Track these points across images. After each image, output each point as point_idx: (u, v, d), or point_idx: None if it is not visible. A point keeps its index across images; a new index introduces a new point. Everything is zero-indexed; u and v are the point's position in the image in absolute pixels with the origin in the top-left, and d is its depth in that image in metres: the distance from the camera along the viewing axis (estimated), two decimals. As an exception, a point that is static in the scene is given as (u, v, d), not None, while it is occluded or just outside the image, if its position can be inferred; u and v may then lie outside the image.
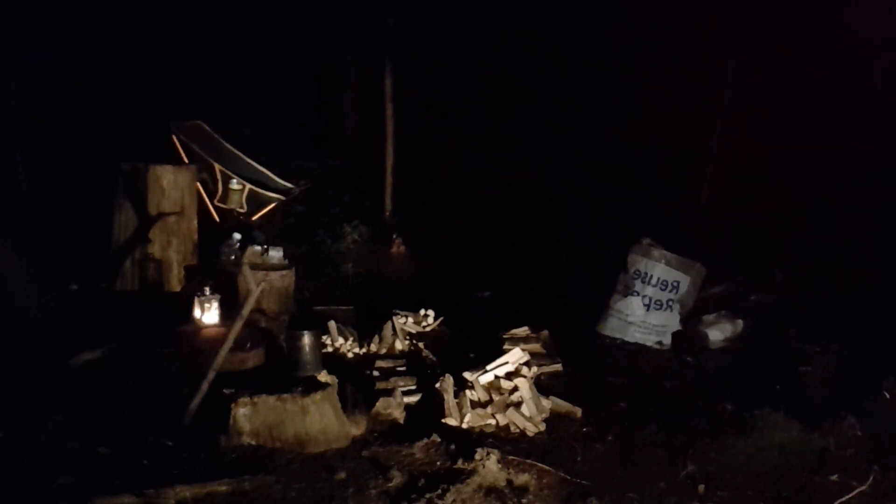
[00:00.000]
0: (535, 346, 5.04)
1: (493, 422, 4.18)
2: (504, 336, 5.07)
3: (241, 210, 6.49)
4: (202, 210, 6.13)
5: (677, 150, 7.70)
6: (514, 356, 4.45)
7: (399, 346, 5.20)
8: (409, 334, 5.33)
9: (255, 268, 4.91)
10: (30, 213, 6.56)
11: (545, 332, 5.30)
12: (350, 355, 5.10)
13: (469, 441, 3.93)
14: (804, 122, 7.09)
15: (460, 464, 3.58)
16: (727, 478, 3.76)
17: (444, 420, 4.17)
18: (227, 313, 4.55)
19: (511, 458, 3.74)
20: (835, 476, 3.76)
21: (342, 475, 3.52)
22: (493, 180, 8.55)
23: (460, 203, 8.22)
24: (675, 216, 7.27)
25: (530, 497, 3.46)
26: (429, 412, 4.24)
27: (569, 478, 3.68)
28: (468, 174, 8.64)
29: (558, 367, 4.98)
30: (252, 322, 4.55)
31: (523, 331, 5.22)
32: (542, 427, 4.16)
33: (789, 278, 6.45)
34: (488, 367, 4.38)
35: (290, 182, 6.97)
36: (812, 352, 5.13)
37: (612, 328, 5.76)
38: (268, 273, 5.14)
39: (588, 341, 5.67)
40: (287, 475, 3.49)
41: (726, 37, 7.40)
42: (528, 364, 4.50)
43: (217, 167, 6.39)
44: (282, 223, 7.02)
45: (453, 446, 3.78)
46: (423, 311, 5.54)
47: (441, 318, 5.54)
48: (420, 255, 7.26)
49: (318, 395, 3.76)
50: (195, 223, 5.81)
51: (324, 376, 3.93)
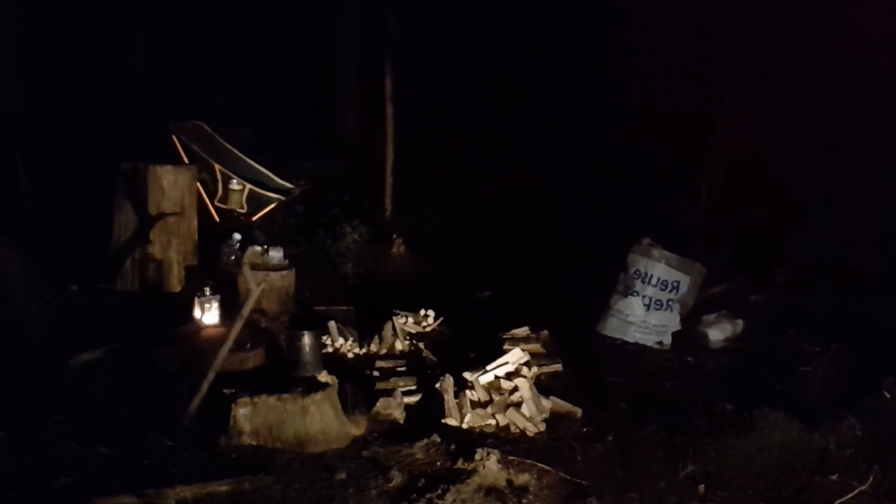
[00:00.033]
0: (535, 346, 5.04)
1: (493, 422, 4.18)
2: (504, 336, 5.07)
3: (241, 210, 6.50)
4: (202, 210, 6.13)
5: (677, 150, 7.70)
6: (514, 356, 4.45)
7: (399, 346, 5.20)
8: (410, 334, 5.33)
9: (255, 268, 4.91)
10: (30, 213, 6.56)
11: (545, 332, 5.30)
12: (350, 355, 5.10)
13: (469, 441, 3.93)
14: (804, 122, 7.08)
15: (460, 464, 3.58)
16: (727, 478, 3.76)
17: (444, 420, 4.17)
18: (228, 313, 4.55)
19: (511, 458, 3.74)
20: (835, 476, 3.76)
21: (342, 475, 3.52)
22: (493, 180, 8.55)
23: (460, 203, 8.22)
24: (675, 216, 7.27)
25: (530, 497, 3.46)
26: (429, 412, 4.24)
27: (569, 478, 3.68)
28: (468, 174, 8.64)
29: (558, 367, 4.98)
30: (252, 322, 4.55)
31: (523, 331, 5.22)
32: (542, 427, 4.16)
33: (789, 278, 6.45)
34: (488, 367, 4.38)
35: (290, 182, 6.97)
36: (812, 352, 5.14)
37: (612, 328, 5.76)
38: (268, 273, 5.14)
39: (588, 341, 5.67)
40: (287, 475, 3.49)
41: (726, 37, 7.40)
42: (528, 364, 4.51)
43: (217, 167, 6.40)
44: (282, 223, 7.01)
45: (453, 446, 3.78)
46: (423, 311, 5.55)
47: (441, 318, 5.54)
48: (420, 255, 7.26)
49: (319, 396, 3.76)
50: (195, 223, 5.81)
51: (324, 376, 3.93)
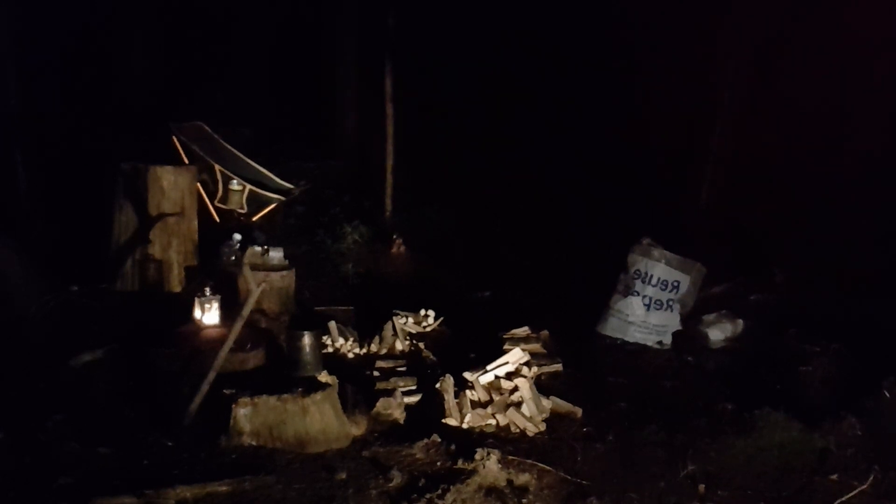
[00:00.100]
0: (535, 346, 5.04)
1: (493, 422, 4.18)
2: (504, 336, 5.07)
3: (241, 211, 6.49)
4: (202, 211, 6.13)
5: (677, 150, 7.70)
6: (515, 356, 4.45)
7: (399, 346, 5.20)
8: (410, 334, 5.33)
9: (255, 268, 4.92)
10: (30, 213, 6.56)
11: (545, 332, 5.30)
12: (350, 355, 5.10)
13: (469, 441, 3.93)
14: (804, 122, 7.08)
15: (461, 464, 3.58)
16: (727, 477, 3.76)
17: (444, 420, 4.17)
18: (228, 314, 4.55)
19: (511, 458, 3.74)
20: (835, 476, 3.77)
21: (342, 475, 3.52)
22: (493, 180, 8.55)
23: (460, 203, 8.22)
24: (675, 216, 7.27)
25: (530, 497, 3.46)
26: (429, 412, 4.24)
27: (569, 478, 3.68)
28: (468, 174, 8.64)
29: (558, 367, 4.98)
30: (252, 322, 4.55)
31: (523, 331, 5.22)
32: (543, 427, 4.16)
33: (789, 278, 6.45)
34: (488, 367, 4.39)
35: (290, 182, 6.96)
36: (812, 352, 5.13)
37: (612, 328, 5.77)
38: (268, 273, 5.14)
39: (588, 341, 5.67)
40: (287, 475, 3.49)
41: (726, 37, 7.40)
42: (528, 364, 4.51)
43: (217, 168, 6.39)
44: (282, 223, 7.01)
45: (453, 446, 3.78)
46: (423, 312, 5.55)
47: (441, 318, 5.55)
48: (420, 255, 7.26)
49: (319, 396, 3.76)
50: (195, 224, 5.81)
51: (324, 376, 3.93)
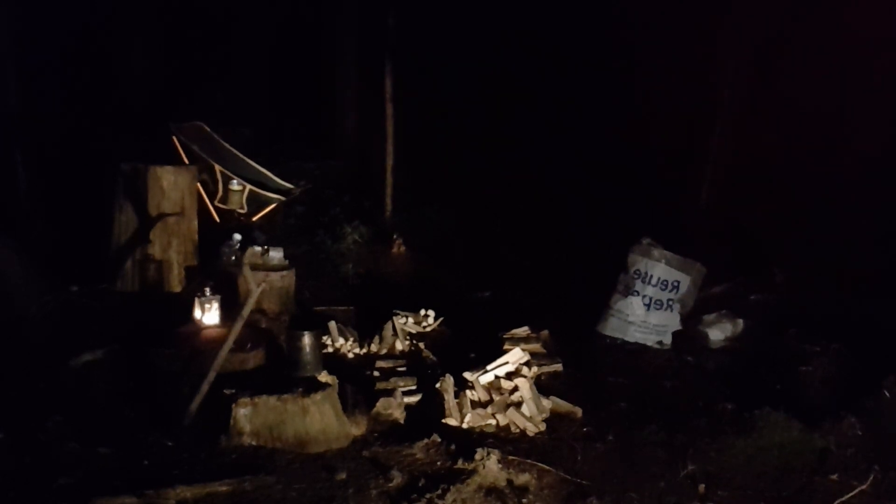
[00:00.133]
0: (535, 346, 5.04)
1: (493, 422, 4.18)
2: (504, 336, 5.07)
3: (241, 211, 6.49)
4: (202, 211, 6.13)
5: (677, 150, 7.70)
6: (515, 356, 4.45)
7: (399, 346, 5.20)
8: (410, 334, 5.33)
9: (255, 268, 4.91)
10: (30, 213, 6.57)
11: (545, 332, 5.30)
12: (350, 355, 5.10)
13: (469, 441, 3.93)
14: (804, 122, 7.07)
15: (461, 464, 3.58)
16: (727, 477, 3.76)
17: (444, 420, 4.17)
18: (228, 314, 4.55)
19: (511, 458, 3.74)
20: (835, 475, 3.76)
21: (342, 475, 3.52)
22: (493, 180, 8.55)
23: (460, 203, 8.22)
24: (675, 216, 7.27)
25: (530, 497, 3.46)
26: (429, 412, 4.24)
27: (569, 478, 3.68)
28: (468, 174, 8.64)
29: (558, 367, 4.97)
30: (252, 322, 4.55)
31: (523, 331, 5.22)
32: (543, 427, 4.16)
33: (789, 278, 6.44)
34: (488, 367, 4.39)
35: (290, 182, 6.96)
36: (812, 352, 5.13)
37: (612, 328, 5.77)
38: (268, 273, 5.14)
39: (588, 341, 5.67)
40: (287, 475, 3.49)
41: (726, 37, 7.39)
42: (528, 364, 4.51)
43: (217, 168, 6.39)
44: (282, 224, 7.01)
45: (454, 446, 3.78)
46: (423, 312, 5.55)
47: (441, 318, 5.55)
48: (420, 255, 7.26)
49: (319, 396, 3.76)
50: (195, 224, 5.81)
51: (324, 376, 3.93)
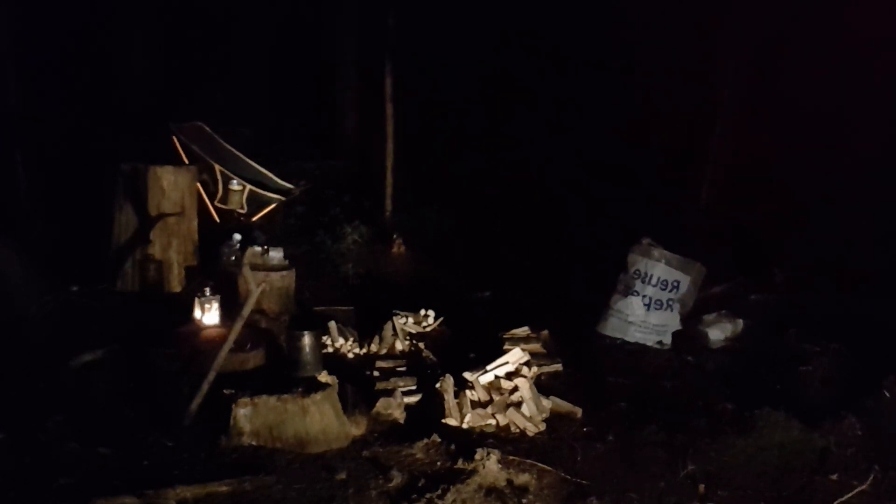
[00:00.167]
0: (535, 346, 5.04)
1: (493, 422, 4.18)
2: (504, 336, 5.06)
3: (241, 211, 6.49)
4: (202, 211, 6.13)
5: (677, 150, 7.70)
6: (514, 356, 4.45)
7: (399, 346, 5.20)
8: (410, 334, 5.33)
9: (255, 268, 4.91)
10: (30, 213, 6.57)
11: (545, 332, 5.30)
12: (350, 356, 5.10)
13: (469, 441, 3.92)
14: (804, 122, 7.08)
15: (460, 464, 3.58)
16: (727, 477, 3.76)
17: (444, 420, 4.17)
18: (228, 314, 4.55)
19: (511, 458, 3.74)
20: (835, 475, 3.76)
21: (342, 475, 3.52)
22: (493, 180, 8.55)
23: (460, 203, 8.22)
24: (675, 216, 7.28)
25: (530, 497, 3.46)
26: (429, 412, 4.24)
27: (569, 478, 3.67)
28: (468, 174, 8.64)
29: (558, 367, 4.98)
30: (252, 322, 4.55)
31: (523, 331, 5.22)
32: (543, 427, 4.16)
33: (789, 278, 6.45)
34: (488, 367, 4.38)
35: (290, 182, 6.96)
36: (812, 352, 5.13)
37: (612, 328, 5.77)
38: (268, 274, 5.14)
39: (588, 341, 5.67)
40: (287, 475, 3.49)
41: (726, 37, 7.40)
42: (528, 364, 4.50)
43: (217, 168, 6.39)
44: (282, 224, 7.01)
45: (453, 446, 3.78)
46: (423, 312, 5.55)
47: (441, 318, 5.55)
48: (420, 255, 7.26)
49: (319, 396, 3.76)
50: (195, 224, 5.81)
51: (324, 377, 3.93)
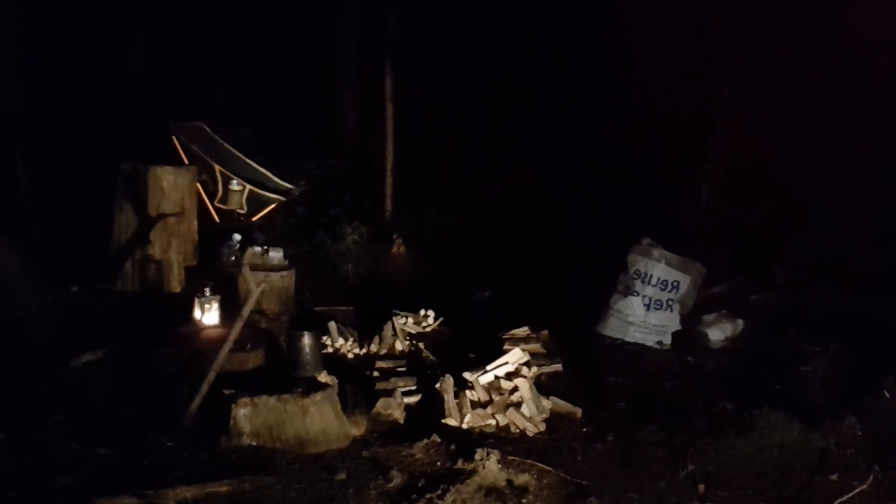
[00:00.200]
0: (535, 346, 5.04)
1: (493, 422, 4.18)
2: (504, 336, 5.07)
3: (241, 211, 6.49)
4: (202, 211, 6.13)
5: (677, 150, 7.70)
6: (514, 356, 4.45)
7: (399, 346, 5.20)
8: (410, 335, 5.33)
9: (255, 268, 4.91)
10: (30, 213, 6.56)
11: (545, 332, 5.30)
12: (350, 356, 5.10)
13: (469, 441, 3.93)
14: (804, 122, 7.08)
15: (460, 464, 3.58)
16: (727, 477, 3.76)
17: (444, 420, 4.17)
18: (228, 314, 4.55)
19: (511, 458, 3.74)
20: (835, 476, 3.77)
21: (342, 475, 3.53)
22: (493, 180, 8.55)
23: (460, 203, 8.22)
24: (675, 216, 7.28)
25: (530, 497, 3.46)
26: (429, 412, 4.24)
27: (569, 478, 3.68)
28: (468, 174, 8.64)
29: (558, 367, 4.98)
30: (252, 323, 4.55)
31: (523, 331, 5.22)
32: (543, 427, 4.16)
33: (789, 278, 6.44)
34: (488, 368, 4.38)
35: (290, 182, 6.96)
36: (812, 352, 5.13)
37: (612, 328, 5.77)
38: (268, 274, 5.14)
39: (588, 341, 5.67)
40: (287, 476, 3.49)
41: (726, 37, 7.40)
42: (528, 364, 4.51)
43: (217, 168, 6.39)
44: (282, 224, 7.01)
45: (453, 446, 3.78)
46: (423, 312, 5.55)
47: (441, 319, 5.55)
48: (420, 255, 7.26)
49: (319, 396, 3.76)
50: (195, 224, 5.81)
51: (324, 377, 3.93)
